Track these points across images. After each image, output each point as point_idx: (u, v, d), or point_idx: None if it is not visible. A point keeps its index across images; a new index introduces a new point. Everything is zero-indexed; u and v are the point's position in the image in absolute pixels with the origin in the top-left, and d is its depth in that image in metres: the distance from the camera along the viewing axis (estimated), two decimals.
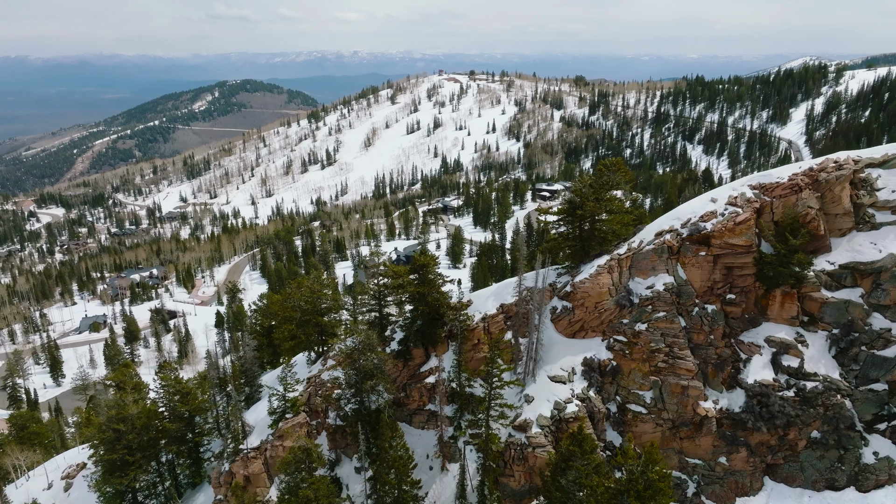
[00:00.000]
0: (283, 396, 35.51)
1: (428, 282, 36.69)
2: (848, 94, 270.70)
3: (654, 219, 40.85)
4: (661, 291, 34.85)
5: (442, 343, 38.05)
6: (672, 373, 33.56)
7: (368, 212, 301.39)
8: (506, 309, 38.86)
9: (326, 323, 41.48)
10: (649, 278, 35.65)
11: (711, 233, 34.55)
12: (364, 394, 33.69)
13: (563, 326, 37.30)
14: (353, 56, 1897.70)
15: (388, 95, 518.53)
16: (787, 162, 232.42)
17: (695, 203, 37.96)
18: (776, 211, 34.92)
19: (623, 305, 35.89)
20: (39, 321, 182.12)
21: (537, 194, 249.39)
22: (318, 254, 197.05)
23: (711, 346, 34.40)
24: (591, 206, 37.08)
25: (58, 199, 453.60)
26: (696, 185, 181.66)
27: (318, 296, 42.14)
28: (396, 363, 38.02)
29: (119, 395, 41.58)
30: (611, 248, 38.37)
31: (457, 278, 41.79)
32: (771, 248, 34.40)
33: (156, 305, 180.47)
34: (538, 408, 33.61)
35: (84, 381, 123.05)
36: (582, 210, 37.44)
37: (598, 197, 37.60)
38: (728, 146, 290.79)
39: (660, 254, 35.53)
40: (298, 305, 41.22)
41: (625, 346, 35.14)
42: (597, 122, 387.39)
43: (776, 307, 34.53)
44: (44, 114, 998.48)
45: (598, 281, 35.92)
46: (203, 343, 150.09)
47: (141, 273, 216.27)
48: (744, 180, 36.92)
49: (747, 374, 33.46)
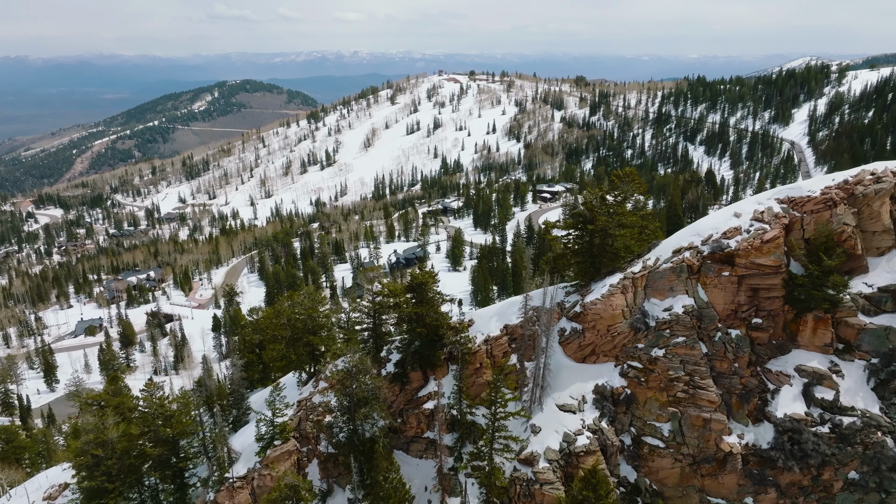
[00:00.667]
0: (270, 422, 33.14)
1: (426, 301, 34.12)
2: (851, 94, 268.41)
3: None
4: (679, 314, 32.26)
5: (441, 366, 35.49)
6: (693, 404, 30.92)
7: (368, 213, 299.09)
8: (510, 330, 36.29)
9: (319, 342, 38.98)
10: (667, 299, 33.11)
11: (736, 251, 31.91)
12: (357, 421, 31.26)
13: (573, 350, 34.71)
14: (353, 56, 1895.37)
15: (388, 96, 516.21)
16: (789, 163, 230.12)
17: (716, 218, 35.34)
18: (807, 228, 32.21)
19: (638, 329, 33.28)
20: (34, 324, 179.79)
21: (538, 196, 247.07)
22: (316, 256, 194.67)
23: (736, 375, 31.76)
24: (602, 220, 34.41)
25: (56, 200, 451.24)
26: (699, 187, 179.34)
27: (309, 313, 39.61)
28: (392, 387, 35.51)
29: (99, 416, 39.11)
30: (623, 264, 35.67)
31: (457, 298, 38.98)
32: (802, 268, 31.74)
33: (152, 308, 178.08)
34: (546, 439, 31.12)
35: (78, 387, 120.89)
36: (593, 224, 34.75)
37: (609, 210, 34.95)
38: (730, 147, 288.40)
39: (678, 273, 32.95)
40: (288, 323, 38.78)
41: (640, 373, 32.52)
42: (597, 122, 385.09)
43: (808, 333, 31.73)
44: (43, 114, 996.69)
45: (610, 302, 33.32)
46: (200, 347, 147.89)
47: (138, 275, 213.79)
48: (770, 193, 34.19)
49: (776, 407, 30.75)
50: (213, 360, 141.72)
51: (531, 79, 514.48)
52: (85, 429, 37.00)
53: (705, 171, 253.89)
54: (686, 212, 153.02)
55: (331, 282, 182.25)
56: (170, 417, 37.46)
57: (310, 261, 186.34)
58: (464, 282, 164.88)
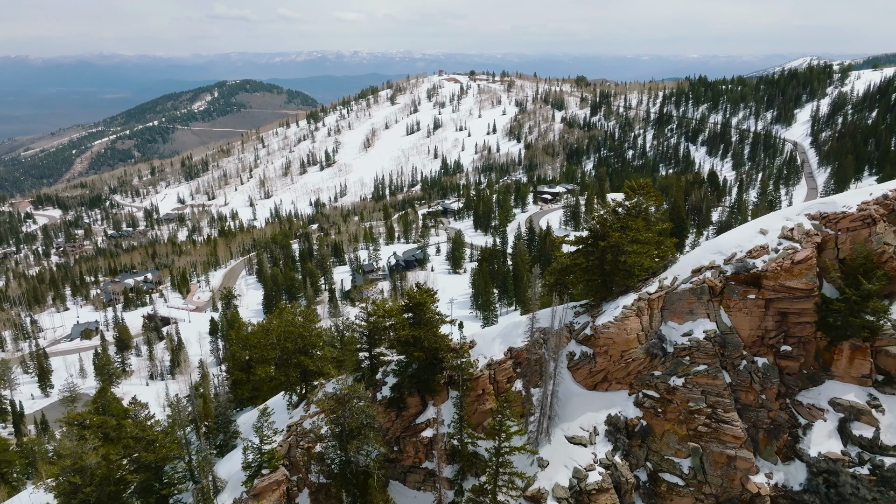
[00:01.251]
0: (258, 449, 30.94)
1: (424, 322, 31.65)
2: (854, 94, 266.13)
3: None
4: (700, 340, 29.60)
5: (441, 391, 33.07)
6: (715, 439, 28.36)
7: (367, 214, 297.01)
8: (515, 353, 33.66)
9: (310, 363, 36.62)
10: (686, 323, 30.48)
11: (763, 272, 29.22)
12: (350, 451, 28.99)
13: (583, 376, 32.15)
14: (353, 56, 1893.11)
15: (388, 96, 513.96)
16: (792, 163, 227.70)
17: (739, 234, 32.75)
18: (842, 247, 29.50)
19: (654, 355, 30.70)
20: (30, 328, 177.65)
21: (539, 197, 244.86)
22: (315, 258, 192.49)
23: (763, 408, 29.12)
24: (615, 236, 31.88)
25: (55, 201, 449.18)
26: (702, 189, 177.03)
27: (300, 332, 37.21)
28: (388, 412, 33.07)
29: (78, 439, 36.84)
30: (637, 282, 33.16)
31: (459, 321, 36.79)
32: (836, 291, 29.14)
33: (149, 312, 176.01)
34: (554, 475, 28.65)
35: (72, 393, 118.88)
36: (605, 241, 32.14)
37: (623, 225, 32.48)
38: (732, 147, 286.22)
39: (698, 295, 30.30)
40: (278, 343, 36.46)
41: (657, 402, 29.91)
42: (598, 122, 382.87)
43: (843, 363, 28.90)
44: (43, 114, 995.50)
45: (624, 325, 30.70)
46: (196, 351, 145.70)
47: (135, 277, 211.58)
48: (799, 208, 31.63)
49: (808, 444, 28.12)
50: (210, 365, 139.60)
51: (531, 79, 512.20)
52: (62, 454, 34.89)
53: (707, 172, 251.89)
54: (689, 214, 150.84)
55: (329, 284, 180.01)
56: (152, 442, 35.33)
57: (308, 263, 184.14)
58: (464, 284, 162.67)
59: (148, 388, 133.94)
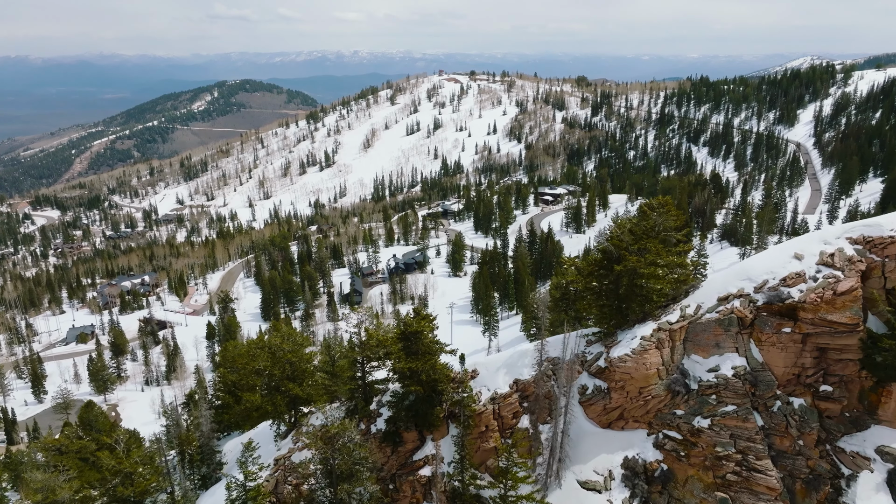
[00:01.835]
0: (242, 486, 28.57)
1: (421, 353, 28.85)
2: (857, 94, 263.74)
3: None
4: (728, 377, 26.66)
5: (441, 425, 30.39)
6: (746, 489, 25.44)
7: (367, 215, 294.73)
8: (521, 386, 30.71)
9: (300, 392, 33.97)
10: (712, 357, 27.56)
11: (800, 304, 26.21)
12: (341, 494, 26.51)
13: (596, 413, 29.24)
14: (353, 56, 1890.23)
15: (388, 96, 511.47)
16: (795, 165, 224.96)
17: (771, 258, 29.68)
18: (890, 276, 26.34)
19: (676, 392, 27.77)
20: (25, 331, 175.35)
21: (540, 198, 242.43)
22: (314, 261, 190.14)
23: (801, 456, 26.13)
24: (632, 260, 28.90)
25: (53, 201, 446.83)
26: (706, 191, 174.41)
27: (289, 358, 34.57)
28: (383, 447, 30.44)
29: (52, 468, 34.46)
30: (655, 309, 30.18)
31: (460, 352, 33.91)
32: (884, 326, 26.05)
33: (145, 315, 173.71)
34: None
35: (65, 399, 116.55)
36: (621, 265, 29.15)
37: (641, 247, 29.44)
38: (734, 148, 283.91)
39: (726, 326, 27.36)
40: (264, 370, 33.87)
41: (679, 445, 26.88)
42: (599, 123, 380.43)
43: (892, 406, 25.67)
44: (43, 114, 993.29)
45: (643, 360, 27.68)
46: (193, 356, 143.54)
47: (132, 280, 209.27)
48: (839, 230, 28.74)
49: (853, 498, 25.14)
50: (207, 370, 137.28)
51: (532, 79, 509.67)
52: (32, 487, 32.49)
53: (709, 173, 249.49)
54: (693, 216, 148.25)
55: (328, 287, 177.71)
56: (130, 475, 32.94)
57: (307, 266, 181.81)
58: (464, 288, 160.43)
59: (143, 394, 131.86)
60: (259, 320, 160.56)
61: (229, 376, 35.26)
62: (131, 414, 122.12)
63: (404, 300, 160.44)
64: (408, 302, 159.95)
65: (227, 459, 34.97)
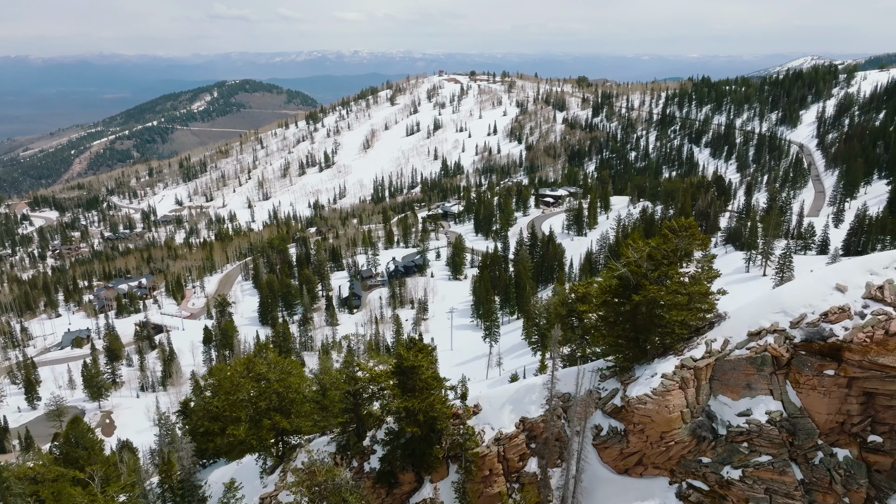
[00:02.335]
0: None
1: (418, 389, 26.28)
2: (861, 95, 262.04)
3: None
4: (762, 423, 23.67)
5: (440, 466, 28.01)
6: None
7: (366, 217, 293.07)
8: (528, 425, 27.95)
9: (288, 426, 31.62)
10: (742, 399, 24.62)
11: (846, 343, 23.07)
12: None
13: (612, 457, 26.47)
14: (353, 56, 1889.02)
15: (388, 96, 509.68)
16: (799, 166, 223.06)
17: (808, 289, 26.27)
18: None
19: (702, 437, 24.80)
20: (20, 336, 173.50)
21: (540, 200, 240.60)
22: (312, 264, 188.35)
23: None
24: (652, 289, 25.88)
25: (51, 202, 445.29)
26: (710, 193, 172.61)
27: (275, 388, 32.34)
28: (378, 488, 28.04)
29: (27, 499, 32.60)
30: (677, 341, 27.09)
31: (460, 390, 31.59)
32: None
33: (142, 319, 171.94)
34: None
35: (58, 406, 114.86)
36: (639, 294, 26.00)
37: (662, 273, 26.47)
38: (736, 149, 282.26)
39: (759, 365, 24.33)
40: (250, 402, 31.71)
41: (706, 497, 24.23)
42: (600, 123, 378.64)
43: None
44: (43, 114, 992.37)
45: (665, 401, 24.66)
46: (189, 362, 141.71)
47: (129, 283, 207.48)
48: (887, 258, 25.63)
49: None
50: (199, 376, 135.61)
51: (532, 79, 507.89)
52: None
53: (711, 175, 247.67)
54: (696, 219, 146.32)
55: (327, 291, 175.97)
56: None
57: (306, 270, 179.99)
58: (464, 291, 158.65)
59: (138, 400, 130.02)
60: (257, 325, 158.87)
61: (214, 402, 33.15)
62: (126, 421, 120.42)
63: (404, 304, 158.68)
64: (407, 306, 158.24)
65: (212, 493, 33.00)
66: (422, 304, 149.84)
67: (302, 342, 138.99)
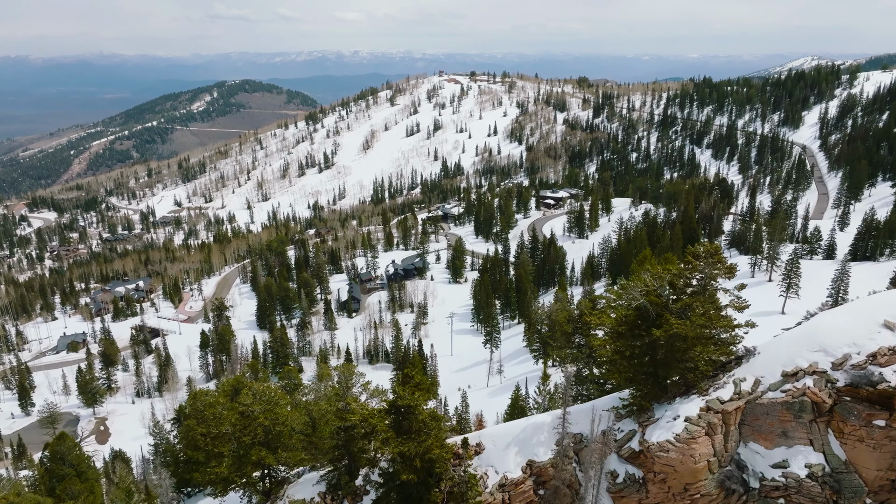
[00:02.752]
0: None
1: (415, 431, 23.57)
2: (864, 96, 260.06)
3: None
4: (801, 478, 20.99)
5: None
6: None
7: (366, 218, 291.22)
8: (537, 469, 25.40)
9: (273, 461, 29.33)
10: (777, 449, 21.95)
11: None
12: None
13: None
14: (353, 56, 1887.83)
15: (388, 97, 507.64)
16: (801, 168, 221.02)
17: (850, 323, 23.13)
18: None
19: (731, 490, 22.07)
20: (15, 340, 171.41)
21: (541, 201, 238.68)
22: (311, 267, 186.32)
23: None
24: (676, 324, 22.83)
25: (50, 203, 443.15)
26: (713, 196, 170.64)
27: (260, 421, 29.97)
28: None
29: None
30: (700, 378, 24.12)
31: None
32: None
33: (138, 323, 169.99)
34: None
35: (51, 413, 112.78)
36: (660, 328, 23.01)
37: (685, 305, 23.52)
38: (738, 150, 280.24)
39: (796, 412, 21.63)
40: (233, 436, 29.45)
41: None
42: (601, 124, 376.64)
43: None
44: (43, 114, 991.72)
45: (690, 450, 21.99)
46: (186, 366, 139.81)
47: (126, 286, 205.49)
48: None
49: None
50: (200, 382, 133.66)
51: (533, 79, 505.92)
52: None
53: (713, 176, 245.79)
54: (700, 223, 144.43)
55: (325, 294, 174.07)
56: None
57: (304, 273, 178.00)
58: (465, 295, 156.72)
59: (134, 406, 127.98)
60: (255, 328, 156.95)
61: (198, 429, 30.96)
62: (121, 428, 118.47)
63: (403, 308, 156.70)
64: (407, 310, 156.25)
65: None
66: (421, 308, 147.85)
67: (300, 347, 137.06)
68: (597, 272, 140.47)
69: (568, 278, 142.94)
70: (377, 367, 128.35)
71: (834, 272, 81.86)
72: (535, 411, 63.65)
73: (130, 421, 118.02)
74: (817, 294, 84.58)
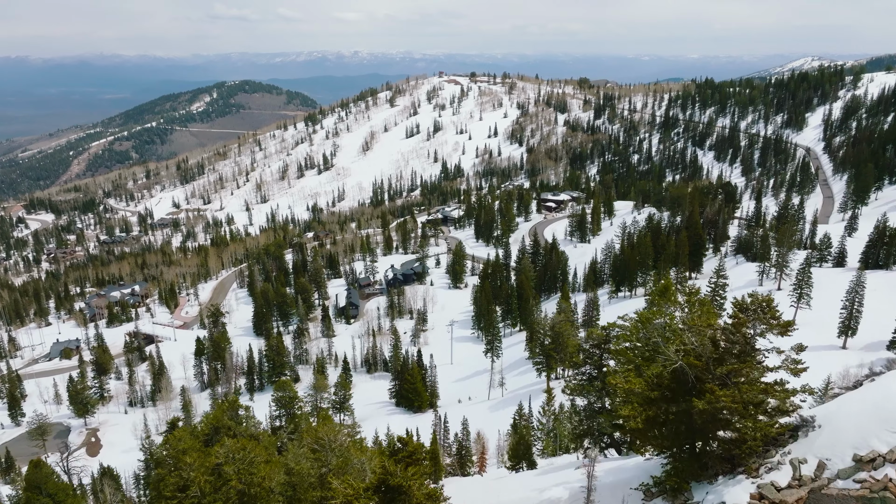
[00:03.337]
0: None
1: None
2: (868, 98, 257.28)
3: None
4: None
5: None
6: None
7: (365, 221, 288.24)
8: None
9: None
10: None
11: None
12: None
13: None
14: (353, 56, 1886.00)
15: (387, 98, 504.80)
16: (806, 170, 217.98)
17: None
18: None
19: None
20: (7, 346, 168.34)
21: (542, 204, 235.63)
22: (309, 271, 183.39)
23: None
24: (722, 394, 18.64)
25: (47, 205, 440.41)
26: (717, 200, 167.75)
27: (233, 485, 26.60)
28: None
29: None
30: (748, 455, 19.79)
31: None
32: None
33: (133, 329, 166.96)
34: None
35: (40, 424, 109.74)
36: (702, 399, 18.82)
37: (731, 369, 19.24)
38: (741, 152, 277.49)
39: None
40: (201, 500, 26.21)
41: None
42: (602, 126, 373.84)
43: None
44: (43, 114, 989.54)
45: None
46: (180, 375, 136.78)
47: (122, 290, 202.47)
48: None
49: None
50: (194, 391, 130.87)
51: (533, 80, 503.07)
52: None
53: (716, 178, 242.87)
54: (705, 228, 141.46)
55: (323, 300, 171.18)
56: None
57: (301, 278, 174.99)
58: (465, 301, 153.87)
59: (127, 416, 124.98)
60: (251, 335, 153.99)
61: (168, 479, 27.91)
62: (113, 439, 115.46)
63: (402, 314, 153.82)
64: (406, 316, 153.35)
65: None
66: (421, 315, 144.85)
67: (297, 356, 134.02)
68: (599, 278, 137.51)
69: (570, 285, 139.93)
70: (375, 376, 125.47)
71: (848, 282, 78.70)
72: (540, 432, 60.73)
73: (122, 432, 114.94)
74: (829, 304, 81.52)
